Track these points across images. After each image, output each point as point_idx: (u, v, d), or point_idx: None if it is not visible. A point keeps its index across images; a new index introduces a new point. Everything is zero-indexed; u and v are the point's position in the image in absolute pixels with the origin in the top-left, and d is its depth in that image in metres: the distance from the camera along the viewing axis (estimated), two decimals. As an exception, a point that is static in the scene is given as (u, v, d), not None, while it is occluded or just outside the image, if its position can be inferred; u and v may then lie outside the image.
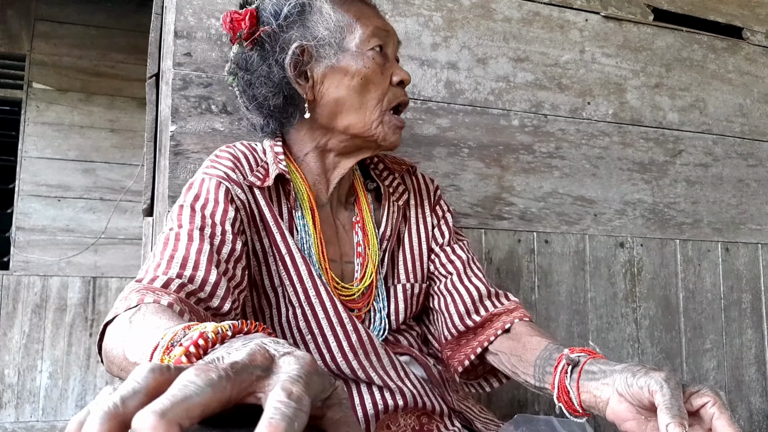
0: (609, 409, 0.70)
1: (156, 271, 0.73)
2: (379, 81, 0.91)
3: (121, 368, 0.61)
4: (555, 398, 0.78)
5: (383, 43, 0.93)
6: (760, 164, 1.69)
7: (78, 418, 0.32)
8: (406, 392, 0.87)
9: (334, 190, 0.97)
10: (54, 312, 3.28)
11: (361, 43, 0.91)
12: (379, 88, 0.91)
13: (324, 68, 0.90)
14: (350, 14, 0.92)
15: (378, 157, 1.05)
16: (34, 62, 3.43)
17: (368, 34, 0.91)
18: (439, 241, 1.04)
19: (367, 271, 0.96)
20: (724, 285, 1.60)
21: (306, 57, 0.90)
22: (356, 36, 0.91)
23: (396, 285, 0.99)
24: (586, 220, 1.48)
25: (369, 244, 0.97)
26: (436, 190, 1.09)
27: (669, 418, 0.58)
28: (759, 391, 1.60)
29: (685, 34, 1.65)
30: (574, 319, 1.43)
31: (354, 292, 0.94)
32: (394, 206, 1.01)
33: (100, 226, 3.40)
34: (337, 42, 0.90)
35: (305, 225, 0.92)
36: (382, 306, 0.96)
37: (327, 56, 0.90)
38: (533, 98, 1.47)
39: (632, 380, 0.66)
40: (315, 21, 0.90)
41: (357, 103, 0.90)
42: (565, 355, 0.77)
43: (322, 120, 0.92)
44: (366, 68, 0.90)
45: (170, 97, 1.17)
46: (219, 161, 0.90)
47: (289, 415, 0.31)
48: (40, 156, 3.38)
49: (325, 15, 0.90)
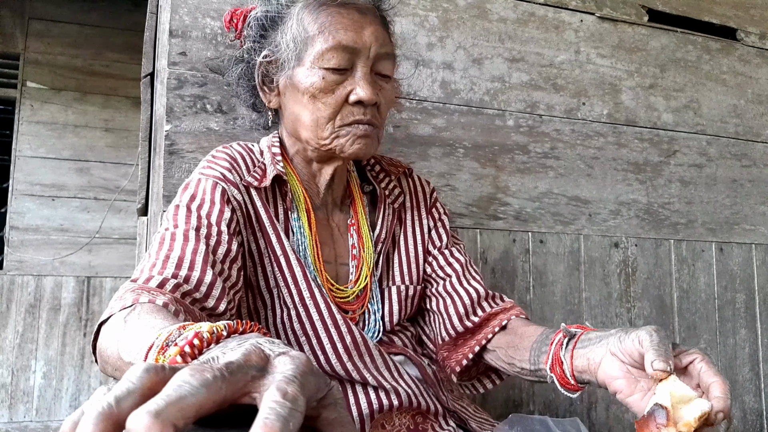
0: (600, 370, 0.72)
1: (151, 271, 0.73)
2: (328, 101, 0.86)
3: (115, 368, 0.61)
4: (548, 369, 0.80)
5: (342, 60, 0.85)
6: (753, 165, 1.70)
7: (72, 419, 0.32)
8: (400, 392, 0.87)
9: (327, 193, 0.97)
10: (48, 312, 3.27)
11: (315, 60, 0.86)
12: (329, 108, 0.86)
13: (285, 80, 0.90)
14: (317, 25, 0.86)
15: (375, 158, 1.05)
16: (28, 61, 3.41)
17: (324, 50, 0.85)
18: (437, 244, 1.04)
19: (361, 273, 0.96)
20: (718, 285, 1.61)
21: (272, 67, 0.91)
22: (314, 50, 0.86)
23: (390, 287, 0.99)
24: (580, 220, 1.49)
25: (364, 246, 0.97)
26: (432, 192, 1.09)
27: (654, 356, 0.62)
28: (752, 390, 1.61)
29: (679, 35, 1.65)
30: (568, 319, 1.44)
31: (349, 294, 0.94)
32: (389, 209, 1.01)
33: (94, 225, 3.39)
34: (296, 55, 0.88)
35: (301, 227, 0.92)
36: (377, 308, 0.96)
37: (288, 68, 0.89)
38: (528, 98, 1.47)
39: (624, 337, 0.69)
40: (284, 31, 0.90)
41: (308, 120, 0.88)
42: (563, 328, 0.79)
43: (289, 130, 0.94)
44: (313, 87, 0.86)
45: (165, 97, 1.17)
46: (216, 162, 0.90)
47: (284, 415, 0.31)
48: (34, 155, 3.37)
49: (293, 25, 0.88)
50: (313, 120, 0.87)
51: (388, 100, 0.92)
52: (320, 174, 0.96)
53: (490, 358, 0.97)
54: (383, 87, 0.90)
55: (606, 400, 1.45)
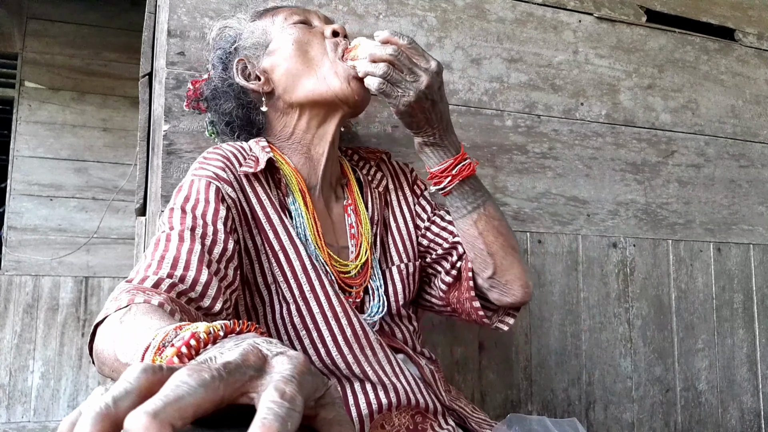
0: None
1: (146, 271, 0.73)
2: (312, 40, 0.96)
3: (112, 369, 0.60)
4: None
5: (303, 18, 0.99)
6: (751, 165, 1.70)
7: (70, 419, 0.32)
8: (400, 389, 0.87)
9: (323, 173, 0.98)
10: (46, 312, 3.27)
11: (282, 26, 0.97)
12: (315, 44, 0.95)
13: (265, 62, 0.97)
14: (266, 17, 1.00)
15: (351, 149, 1.10)
16: (26, 61, 3.41)
17: (284, 17, 0.98)
18: (423, 216, 1.07)
19: (361, 249, 0.97)
20: (716, 285, 1.61)
21: (248, 64, 0.98)
22: (275, 25, 0.98)
23: (391, 267, 1.00)
24: (579, 221, 1.49)
25: (362, 223, 0.99)
26: (412, 171, 1.13)
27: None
28: (750, 390, 1.61)
29: (677, 36, 1.66)
30: (567, 318, 1.44)
31: (351, 268, 0.95)
32: (374, 193, 1.04)
33: (92, 225, 3.38)
34: (263, 40, 0.98)
35: (298, 208, 0.92)
36: (380, 284, 0.97)
37: (261, 53, 0.98)
38: (527, 99, 1.47)
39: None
40: (243, 40, 0.99)
41: (303, 65, 0.94)
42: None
43: (286, 98, 0.96)
44: (292, 35, 0.96)
45: (163, 96, 1.17)
46: (208, 162, 0.90)
47: (282, 415, 0.31)
48: (32, 155, 3.36)
49: (248, 31, 0.99)
50: (307, 62, 0.94)
51: None
52: (320, 142, 0.97)
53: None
54: None
55: (604, 401, 1.45)
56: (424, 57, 0.86)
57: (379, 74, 0.84)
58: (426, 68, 0.86)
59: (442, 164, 0.93)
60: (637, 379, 1.49)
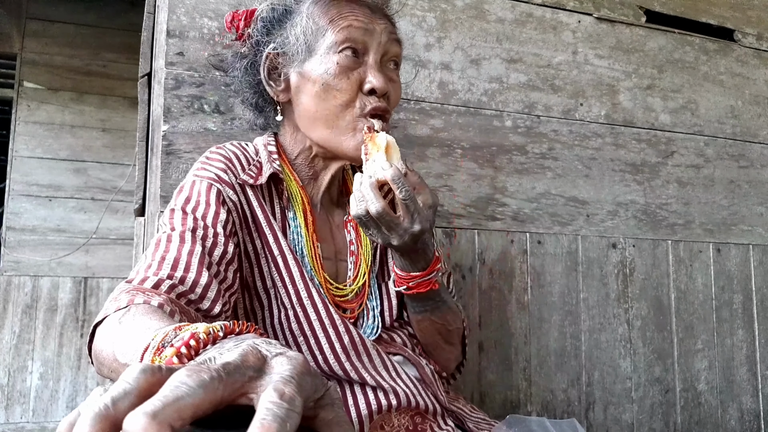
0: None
1: (146, 272, 0.73)
2: (343, 87, 0.86)
3: (111, 369, 0.60)
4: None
5: (357, 43, 0.87)
6: (751, 165, 1.70)
7: (68, 420, 0.32)
8: (399, 392, 0.87)
9: (325, 191, 0.97)
10: (45, 312, 3.26)
11: (329, 46, 0.86)
12: (345, 95, 0.86)
13: (296, 74, 0.90)
14: (327, 17, 0.88)
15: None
16: (25, 61, 3.40)
17: (337, 37, 0.86)
18: None
19: (360, 270, 0.96)
20: (716, 286, 1.61)
21: (281, 60, 0.91)
22: (326, 39, 0.87)
23: (387, 282, 1.00)
24: (578, 221, 1.49)
25: (362, 242, 0.98)
26: None
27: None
28: (750, 390, 1.61)
29: (677, 36, 1.66)
30: (566, 319, 1.44)
31: (347, 292, 0.94)
32: None
33: (91, 226, 3.38)
34: (307, 47, 0.88)
35: (298, 225, 0.91)
36: (376, 304, 0.97)
37: (298, 60, 0.89)
38: (526, 99, 1.47)
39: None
40: (291, 26, 0.91)
41: (323, 111, 0.88)
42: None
43: (300, 125, 0.93)
44: (327, 73, 0.86)
45: (162, 97, 1.16)
46: (210, 163, 0.89)
47: (281, 416, 0.31)
48: (31, 155, 3.36)
49: (302, 20, 0.90)
50: (330, 108, 0.87)
51: (397, 96, 0.94)
52: (324, 172, 0.96)
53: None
54: (393, 79, 0.92)
55: (604, 401, 1.45)
56: (417, 211, 0.81)
57: (374, 211, 0.81)
58: (410, 226, 0.82)
59: (403, 273, 0.90)
60: (637, 380, 1.48)
